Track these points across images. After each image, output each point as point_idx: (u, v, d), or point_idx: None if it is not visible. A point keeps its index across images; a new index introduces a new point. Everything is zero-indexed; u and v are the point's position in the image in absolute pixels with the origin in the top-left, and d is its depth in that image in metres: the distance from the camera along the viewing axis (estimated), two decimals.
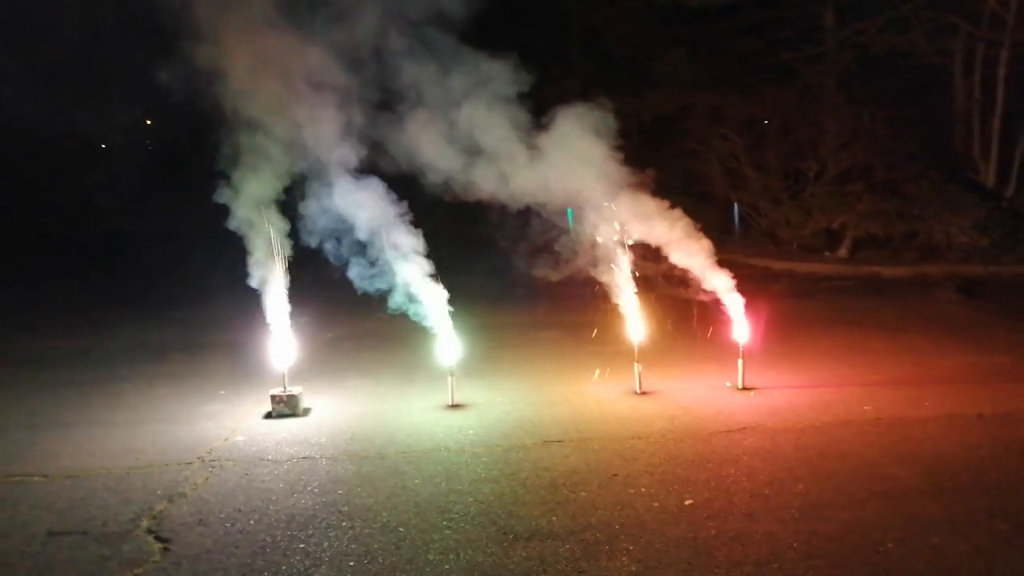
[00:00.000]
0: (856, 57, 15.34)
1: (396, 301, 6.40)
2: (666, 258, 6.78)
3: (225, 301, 6.87)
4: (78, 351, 8.57)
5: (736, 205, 15.76)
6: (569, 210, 6.71)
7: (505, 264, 11.45)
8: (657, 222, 6.56)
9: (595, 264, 6.80)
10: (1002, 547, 3.84)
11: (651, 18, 16.34)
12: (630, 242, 6.59)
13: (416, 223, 6.38)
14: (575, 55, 16.40)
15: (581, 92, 6.80)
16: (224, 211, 6.16)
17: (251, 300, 6.33)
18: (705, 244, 6.58)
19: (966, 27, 14.58)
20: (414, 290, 6.36)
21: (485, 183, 6.51)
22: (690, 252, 6.61)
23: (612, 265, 6.64)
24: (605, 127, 6.48)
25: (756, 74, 15.50)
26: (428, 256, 6.40)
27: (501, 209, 6.85)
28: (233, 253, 6.28)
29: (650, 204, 6.57)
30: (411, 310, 6.42)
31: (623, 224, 6.56)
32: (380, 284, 6.40)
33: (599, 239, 6.68)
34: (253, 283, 6.20)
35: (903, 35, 14.83)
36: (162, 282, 13.13)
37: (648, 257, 6.98)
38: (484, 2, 6.48)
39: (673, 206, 6.67)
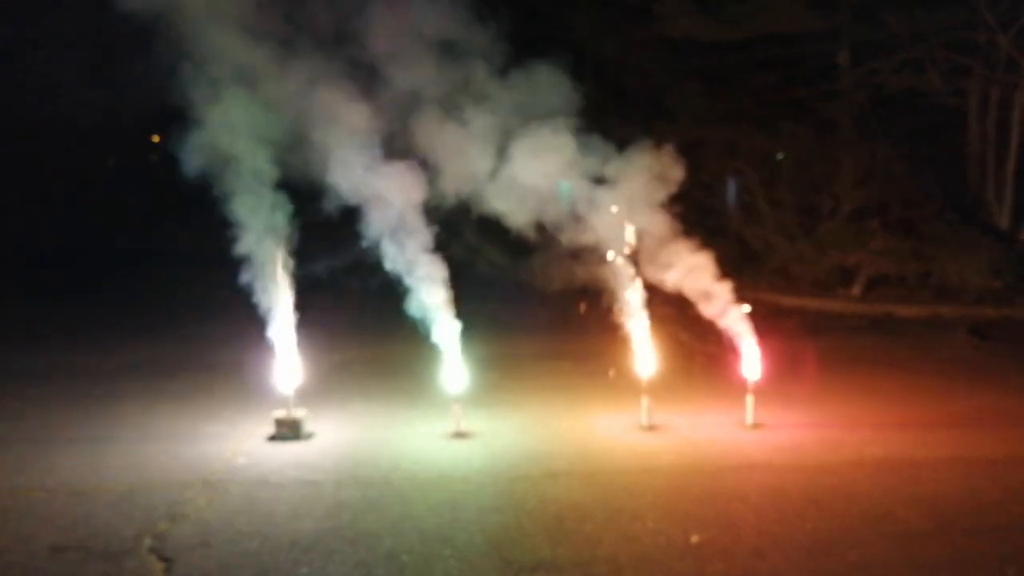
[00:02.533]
0: (871, 95, 15.39)
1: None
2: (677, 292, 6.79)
3: (231, 321, 6.89)
4: (83, 367, 8.58)
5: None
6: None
7: (517, 293, 11.51)
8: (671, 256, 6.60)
9: (604, 289, 6.81)
10: None
11: (664, 51, 16.44)
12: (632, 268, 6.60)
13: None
14: (588, 86, 16.49)
15: (594, 123, 6.82)
16: (231, 231, 6.20)
17: (257, 320, 6.36)
18: (714, 275, 6.60)
19: (981, 70, 14.63)
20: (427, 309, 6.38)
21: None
22: (703, 286, 6.62)
23: (622, 294, 6.65)
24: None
25: (771, 109, 15.54)
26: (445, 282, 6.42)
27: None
28: (240, 273, 6.31)
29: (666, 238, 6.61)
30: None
31: (632, 251, 6.58)
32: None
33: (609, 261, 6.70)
34: (259, 303, 6.23)
35: (918, 75, 14.89)
36: (168, 300, 13.18)
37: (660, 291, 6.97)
38: (495, 31, 6.54)
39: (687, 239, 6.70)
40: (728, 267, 6.79)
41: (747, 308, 6.66)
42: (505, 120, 6.51)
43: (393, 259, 6.31)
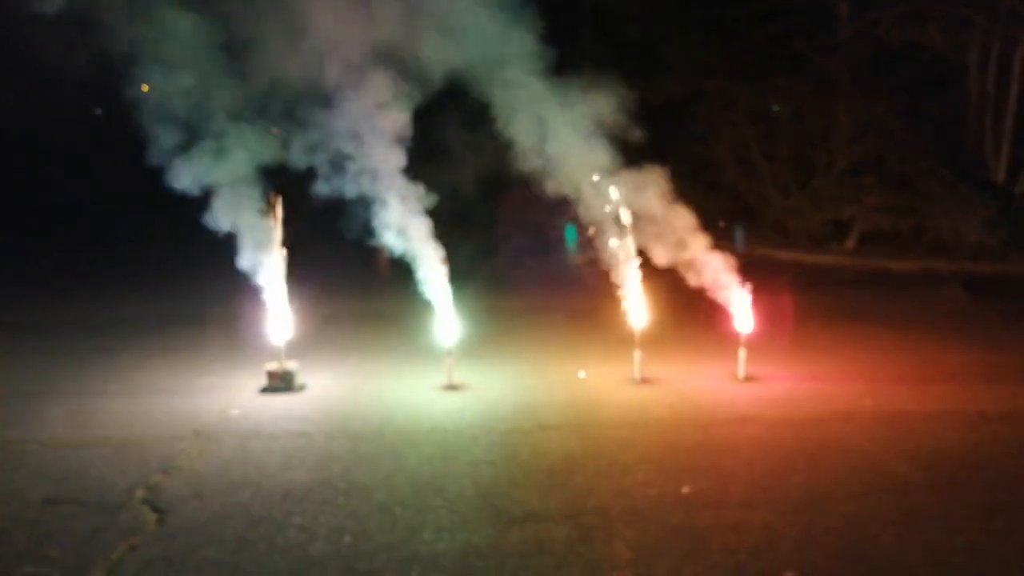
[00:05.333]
0: (870, 49, 15.19)
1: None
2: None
3: (222, 274, 6.85)
4: (75, 321, 8.56)
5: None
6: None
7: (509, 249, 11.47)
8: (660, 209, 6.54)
9: (597, 250, 6.76)
10: (997, 543, 3.83)
11: (664, 1, 16.18)
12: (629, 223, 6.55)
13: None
14: (586, 37, 16.24)
15: (591, 74, 6.71)
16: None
17: (248, 274, 6.31)
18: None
19: (982, 22, 14.43)
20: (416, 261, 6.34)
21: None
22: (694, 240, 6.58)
23: (614, 251, 6.60)
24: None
25: (770, 62, 15.34)
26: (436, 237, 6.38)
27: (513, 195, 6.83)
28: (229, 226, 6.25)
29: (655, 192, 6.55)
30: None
31: (625, 207, 6.52)
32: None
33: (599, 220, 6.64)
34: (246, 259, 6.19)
35: (918, 28, 14.69)
36: (159, 253, 13.11)
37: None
38: None
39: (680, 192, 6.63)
40: (722, 220, 6.73)
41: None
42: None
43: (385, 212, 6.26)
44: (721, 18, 16.01)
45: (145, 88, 5.79)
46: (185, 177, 6.00)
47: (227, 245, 6.24)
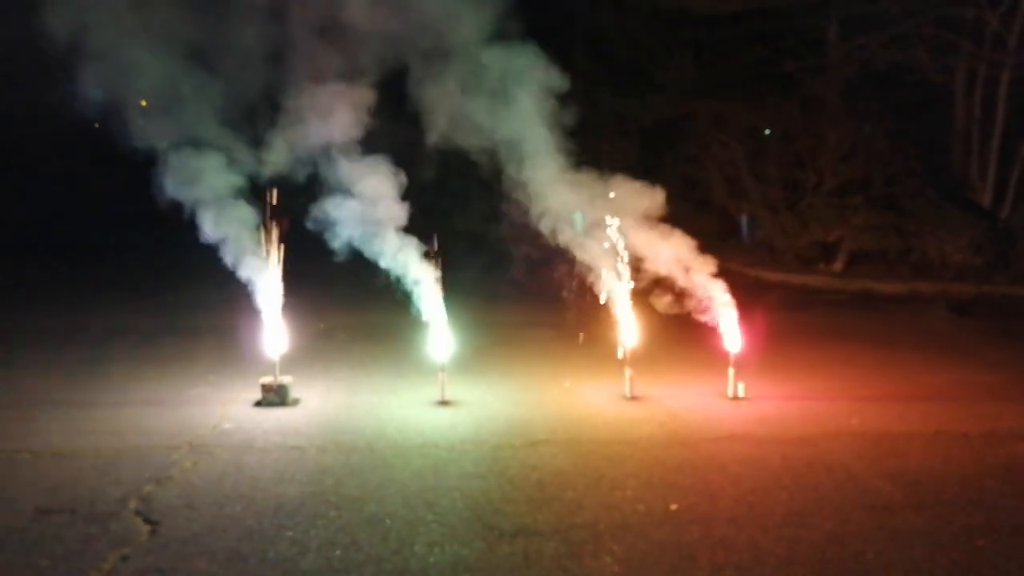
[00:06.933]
0: (858, 71, 15.39)
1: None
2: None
3: (216, 286, 6.90)
4: (66, 332, 8.54)
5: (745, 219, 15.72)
6: (579, 213, 6.74)
7: (501, 263, 11.51)
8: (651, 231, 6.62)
9: (590, 265, 6.82)
10: (980, 562, 3.88)
11: (656, 22, 16.36)
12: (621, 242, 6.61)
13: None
14: (578, 56, 16.39)
15: (583, 94, 6.80)
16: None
17: (243, 286, 6.35)
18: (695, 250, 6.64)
19: (968, 47, 14.64)
20: (410, 279, 6.40)
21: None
22: (684, 260, 6.66)
23: (606, 267, 6.67)
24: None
25: (759, 83, 15.52)
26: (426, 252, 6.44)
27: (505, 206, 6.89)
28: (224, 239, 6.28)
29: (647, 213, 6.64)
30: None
31: (618, 226, 6.60)
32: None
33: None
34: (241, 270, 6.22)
35: (906, 51, 14.88)
36: (152, 265, 13.10)
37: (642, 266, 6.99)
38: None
39: (670, 211, 6.71)
40: (711, 240, 6.82)
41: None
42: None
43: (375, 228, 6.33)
44: (711, 39, 16.21)
45: (144, 103, 5.85)
46: (177, 188, 6.07)
47: (222, 258, 6.28)
